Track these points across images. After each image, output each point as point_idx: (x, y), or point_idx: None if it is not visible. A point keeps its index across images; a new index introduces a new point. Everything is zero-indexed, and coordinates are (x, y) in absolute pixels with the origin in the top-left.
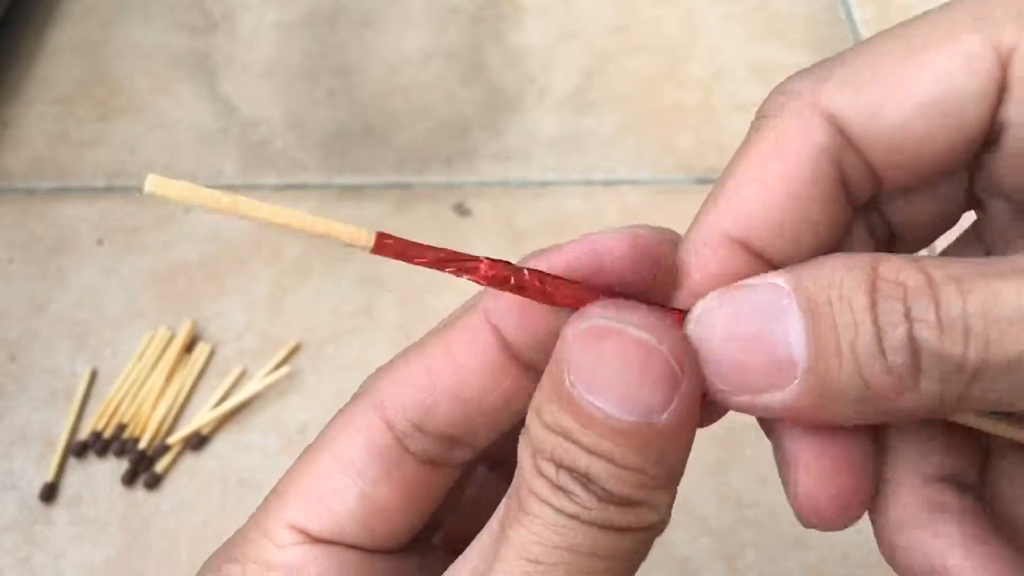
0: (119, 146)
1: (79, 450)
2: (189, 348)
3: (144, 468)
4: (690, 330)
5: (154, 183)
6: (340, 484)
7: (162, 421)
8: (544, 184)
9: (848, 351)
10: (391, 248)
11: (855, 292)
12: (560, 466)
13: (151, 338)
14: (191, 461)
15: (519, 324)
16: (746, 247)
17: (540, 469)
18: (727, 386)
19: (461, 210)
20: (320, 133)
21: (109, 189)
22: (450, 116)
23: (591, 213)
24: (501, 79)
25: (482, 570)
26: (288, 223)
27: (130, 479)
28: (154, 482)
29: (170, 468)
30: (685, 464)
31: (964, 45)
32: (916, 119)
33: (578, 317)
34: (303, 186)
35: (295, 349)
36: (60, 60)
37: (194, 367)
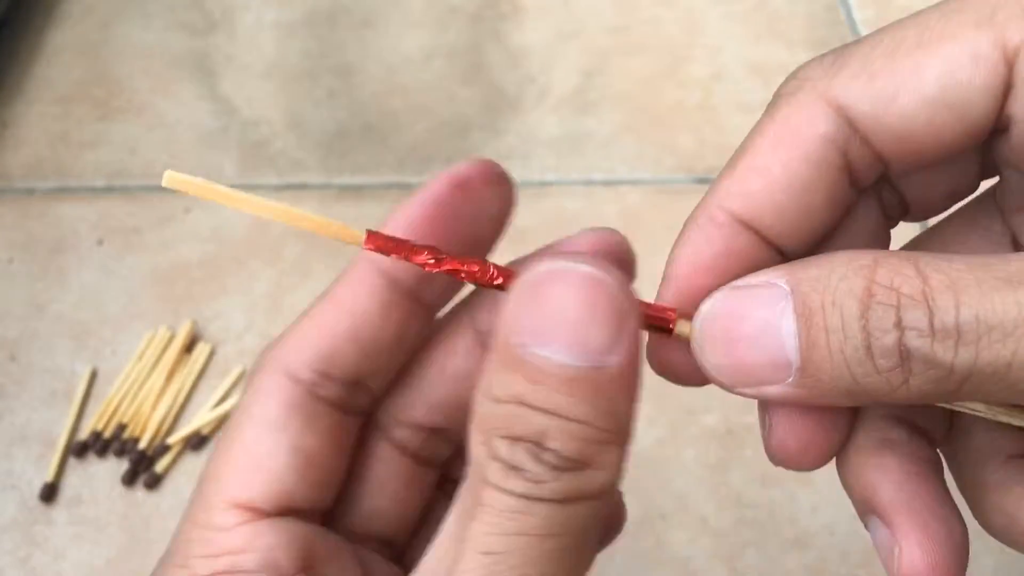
0: (119, 146)
1: (79, 450)
2: (189, 348)
3: (144, 468)
4: (695, 330)
5: (170, 178)
6: (269, 444)
7: (162, 421)
8: (544, 184)
9: (838, 354)
10: (381, 245)
11: (848, 297)
12: (514, 438)
13: (151, 338)
14: (191, 461)
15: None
16: (749, 227)
17: (493, 451)
18: (729, 381)
19: None
20: (320, 133)
21: (109, 189)
22: (450, 116)
23: (591, 213)
24: (501, 79)
25: (441, 573)
26: (298, 221)
27: (130, 479)
28: (154, 482)
29: (170, 468)
30: (633, 420)
31: (971, 42)
32: (923, 112)
33: (521, 277)
34: (303, 186)
35: None
36: (60, 60)
37: (194, 367)
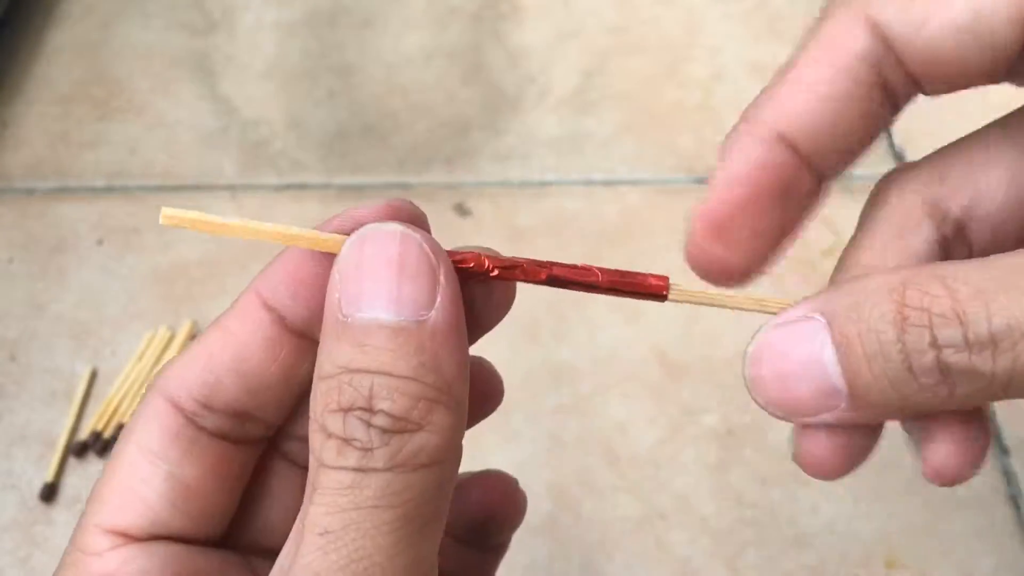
0: (119, 146)
1: (79, 450)
2: None
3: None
4: (745, 371)
5: (167, 216)
6: (145, 471)
7: None
8: (544, 184)
9: (882, 378)
10: None
11: (882, 323)
12: (344, 410)
13: (151, 338)
14: None
15: (288, 297)
16: (787, 142)
17: (326, 429)
18: (786, 415)
19: (461, 210)
20: (320, 133)
21: (109, 189)
22: (450, 116)
23: (591, 213)
24: (501, 79)
25: (286, 565)
26: (296, 240)
27: None
28: None
29: None
30: (463, 382)
31: None
32: (950, 38)
33: (339, 254)
34: (303, 186)
35: None
36: (60, 60)
37: None
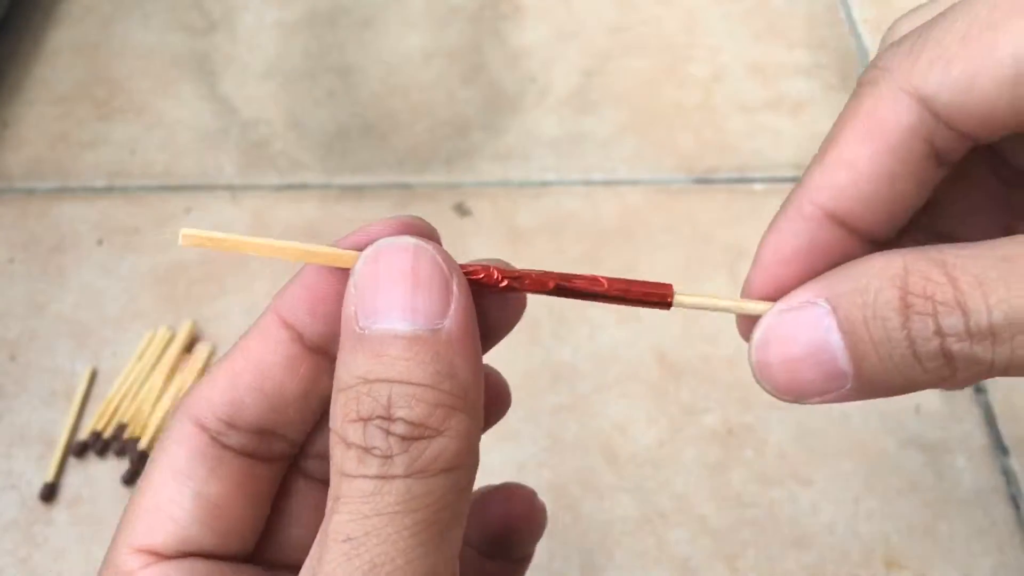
0: (119, 146)
1: (79, 450)
2: (189, 348)
3: (144, 468)
4: (751, 356)
5: (186, 237)
6: (174, 491)
7: (162, 421)
8: (544, 184)
9: (887, 360)
10: None
11: (887, 310)
12: (363, 419)
13: (151, 338)
14: None
15: (306, 315)
16: (837, 219)
17: (346, 440)
18: (794, 398)
19: (461, 210)
20: (320, 133)
21: (109, 189)
22: (450, 116)
23: (591, 213)
24: (501, 79)
25: (310, 574)
26: (315, 258)
27: (130, 479)
28: None
29: None
30: (479, 389)
31: None
32: (1003, 93)
33: (353, 268)
34: (303, 186)
35: None
36: (60, 60)
37: (194, 367)
